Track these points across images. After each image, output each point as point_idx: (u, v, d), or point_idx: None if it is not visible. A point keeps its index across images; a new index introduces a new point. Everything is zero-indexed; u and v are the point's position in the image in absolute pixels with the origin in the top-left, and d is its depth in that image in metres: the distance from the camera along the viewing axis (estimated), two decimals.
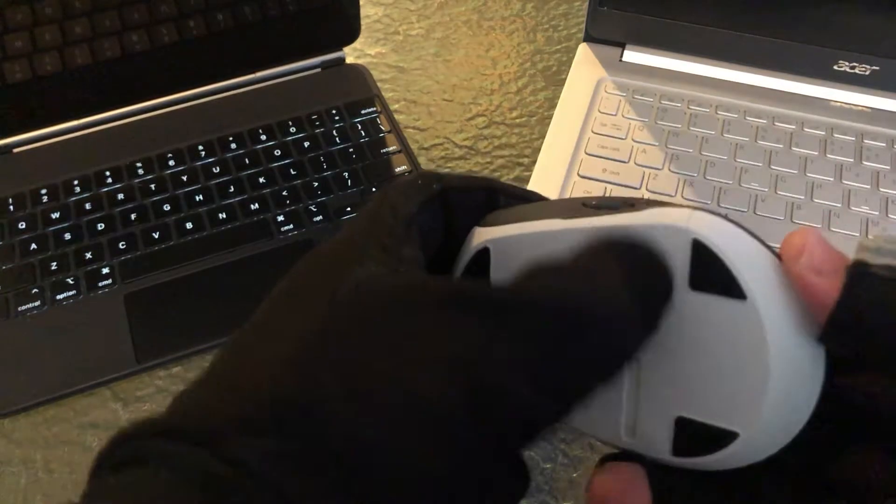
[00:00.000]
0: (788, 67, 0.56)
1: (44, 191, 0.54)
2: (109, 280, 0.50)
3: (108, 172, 0.55)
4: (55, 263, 0.51)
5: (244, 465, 0.15)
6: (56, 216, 0.53)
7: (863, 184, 0.51)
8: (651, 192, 0.52)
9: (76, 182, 0.55)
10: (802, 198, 0.51)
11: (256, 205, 0.53)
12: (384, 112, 0.58)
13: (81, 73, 0.56)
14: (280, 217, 0.53)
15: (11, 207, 0.54)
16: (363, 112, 0.58)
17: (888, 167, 0.52)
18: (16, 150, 0.57)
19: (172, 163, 0.56)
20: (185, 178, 0.55)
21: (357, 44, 0.63)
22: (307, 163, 0.55)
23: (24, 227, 0.53)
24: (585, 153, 0.54)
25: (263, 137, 0.57)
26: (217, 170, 0.55)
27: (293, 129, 0.57)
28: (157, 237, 0.52)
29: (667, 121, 0.55)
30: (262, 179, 0.55)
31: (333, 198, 0.54)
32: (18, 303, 0.49)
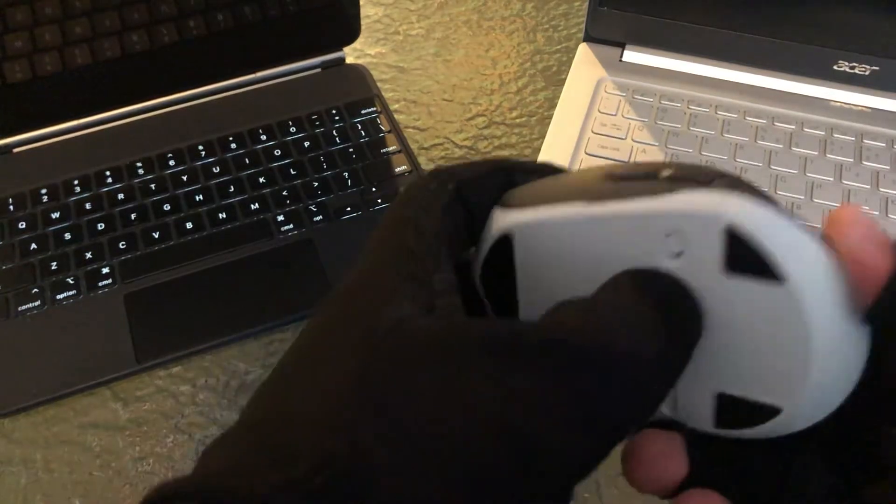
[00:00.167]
0: (788, 67, 0.56)
1: (44, 191, 0.54)
2: (109, 280, 0.50)
3: (108, 172, 0.55)
4: (55, 263, 0.51)
5: None
6: (56, 216, 0.53)
7: (863, 184, 0.51)
8: None
9: (76, 182, 0.55)
10: (802, 198, 0.51)
11: (256, 205, 0.53)
12: (384, 112, 0.58)
13: (81, 73, 0.56)
14: (280, 217, 0.53)
15: (11, 207, 0.54)
16: (363, 112, 0.58)
17: (888, 167, 0.52)
18: (16, 150, 0.57)
19: (172, 163, 0.56)
20: (185, 178, 0.55)
21: (357, 44, 0.63)
22: (307, 163, 0.55)
23: (24, 227, 0.53)
24: (585, 153, 0.54)
25: (263, 137, 0.57)
26: (217, 170, 0.55)
27: (293, 129, 0.57)
28: (157, 237, 0.52)
29: (667, 121, 0.55)
30: (262, 179, 0.55)
31: (333, 198, 0.54)
32: (18, 303, 0.49)
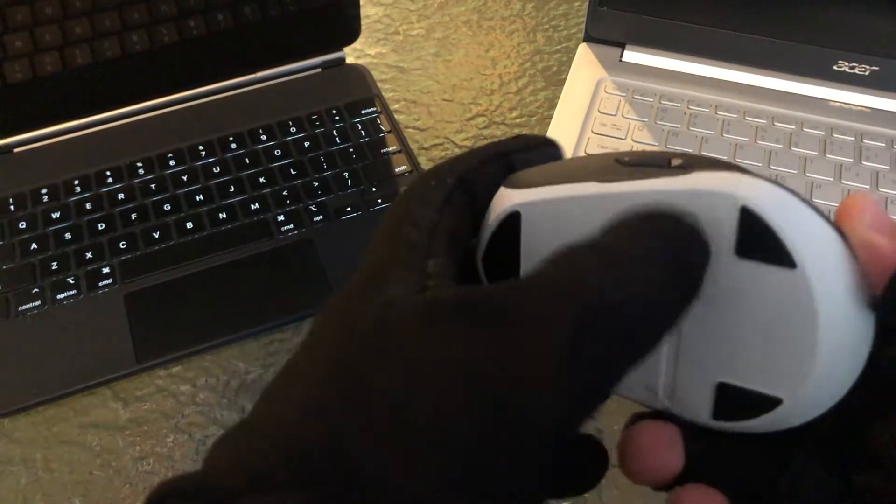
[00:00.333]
0: (788, 67, 0.56)
1: (44, 191, 0.54)
2: (109, 280, 0.50)
3: (108, 172, 0.55)
4: (55, 263, 0.51)
5: None
6: (56, 216, 0.53)
7: (863, 184, 0.51)
8: None
9: (76, 182, 0.55)
10: None
11: (256, 205, 0.53)
12: (384, 112, 0.58)
13: (81, 73, 0.56)
14: (280, 217, 0.53)
15: (11, 207, 0.54)
16: (363, 112, 0.58)
17: (888, 167, 0.52)
18: (16, 150, 0.57)
19: (172, 163, 0.56)
20: (186, 178, 0.55)
21: (357, 44, 0.63)
22: (307, 163, 0.55)
23: (25, 227, 0.53)
24: (585, 153, 0.54)
25: (263, 137, 0.57)
26: (217, 170, 0.55)
27: (293, 129, 0.57)
28: (158, 237, 0.52)
29: (667, 121, 0.55)
30: (263, 179, 0.55)
31: (333, 198, 0.54)
32: (18, 303, 0.49)
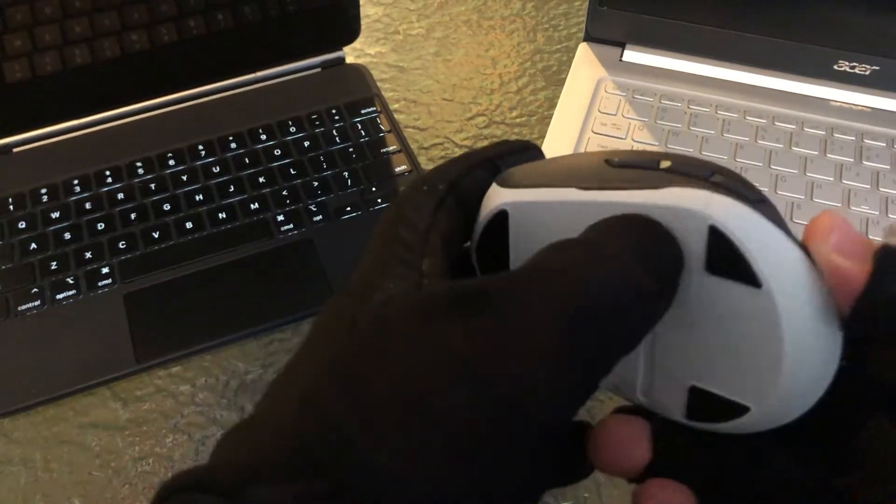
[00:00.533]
0: (788, 67, 0.56)
1: (44, 191, 0.54)
2: (109, 280, 0.50)
3: (108, 172, 0.55)
4: (55, 263, 0.51)
5: None
6: (56, 216, 0.53)
7: (863, 184, 0.51)
8: None
9: (76, 182, 0.55)
10: (802, 197, 0.51)
11: (256, 204, 0.53)
12: (384, 112, 0.58)
13: (81, 73, 0.56)
14: (280, 217, 0.53)
15: (11, 207, 0.54)
16: (363, 112, 0.58)
17: (888, 167, 0.52)
18: (16, 150, 0.57)
19: (172, 163, 0.56)
20: (185, 178, 0.55)
21: (357, 43, 0.63)
22: (307, 162, 0.55)
23: (24, 227, 0.53)
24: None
25: (263, 137, 0.57)
26: (217, 169, 0.55)
27: (293, 129, 0.57)
28: (157, 237, 0.52)
29: (667, 121, 0.55)
30: (262, 179, 0.55)
31: (333, 197, 0.54)
32: (18, 302, 0.49)
